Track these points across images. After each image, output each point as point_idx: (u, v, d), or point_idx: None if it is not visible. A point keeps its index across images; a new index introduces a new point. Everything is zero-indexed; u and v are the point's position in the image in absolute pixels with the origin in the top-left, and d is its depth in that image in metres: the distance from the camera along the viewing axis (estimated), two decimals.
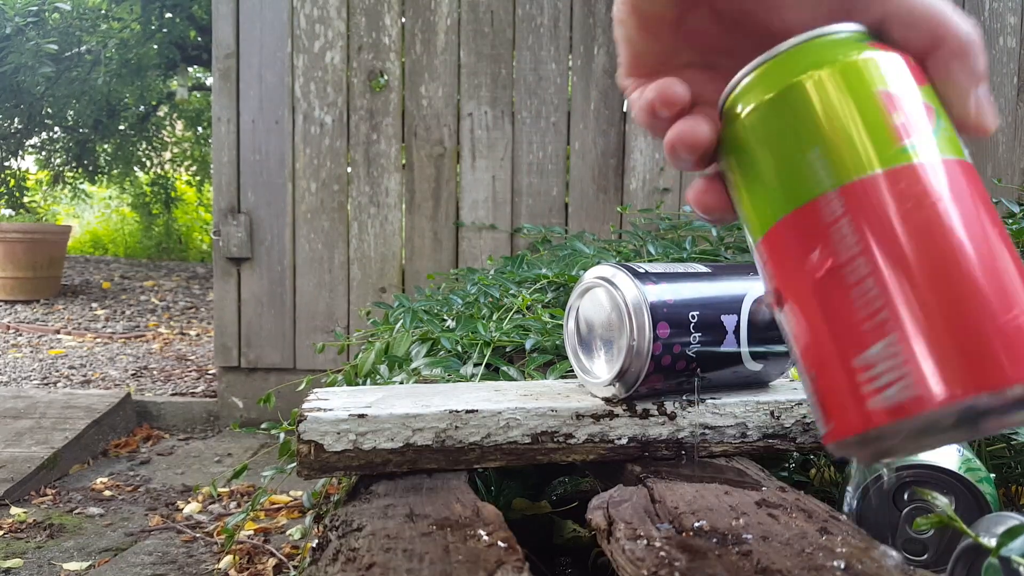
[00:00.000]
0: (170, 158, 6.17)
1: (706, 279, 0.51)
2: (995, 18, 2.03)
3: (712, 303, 0.49)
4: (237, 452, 1.93)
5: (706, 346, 0.48)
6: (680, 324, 0.48)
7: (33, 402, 2.05)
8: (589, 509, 0.41)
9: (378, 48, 2.06)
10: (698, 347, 0.48)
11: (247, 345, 2.11)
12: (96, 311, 3.77)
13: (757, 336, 0.50)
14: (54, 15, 3.79)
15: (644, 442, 0.50)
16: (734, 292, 0.50)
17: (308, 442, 0.47)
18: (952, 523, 0.35)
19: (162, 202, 6.02)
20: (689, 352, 0.48)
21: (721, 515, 0.38)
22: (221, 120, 2.06)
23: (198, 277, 4.91)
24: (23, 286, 3.81)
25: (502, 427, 0.49)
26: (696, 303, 0.49)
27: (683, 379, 0.49)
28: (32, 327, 3.36)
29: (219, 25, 2.05)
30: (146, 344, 3.21)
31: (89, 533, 1.38)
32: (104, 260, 5.35)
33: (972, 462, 0.42)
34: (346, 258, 2.09)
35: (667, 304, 0.48)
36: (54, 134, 4.97)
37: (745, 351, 0.50)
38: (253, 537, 1.31)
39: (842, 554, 0.34)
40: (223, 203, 2.08)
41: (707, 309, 0.49)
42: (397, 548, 0.36)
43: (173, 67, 4.65)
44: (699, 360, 0.49)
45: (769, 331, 0.51)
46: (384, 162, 2.07)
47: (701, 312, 0.48)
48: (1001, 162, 2.05)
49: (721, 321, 0.49)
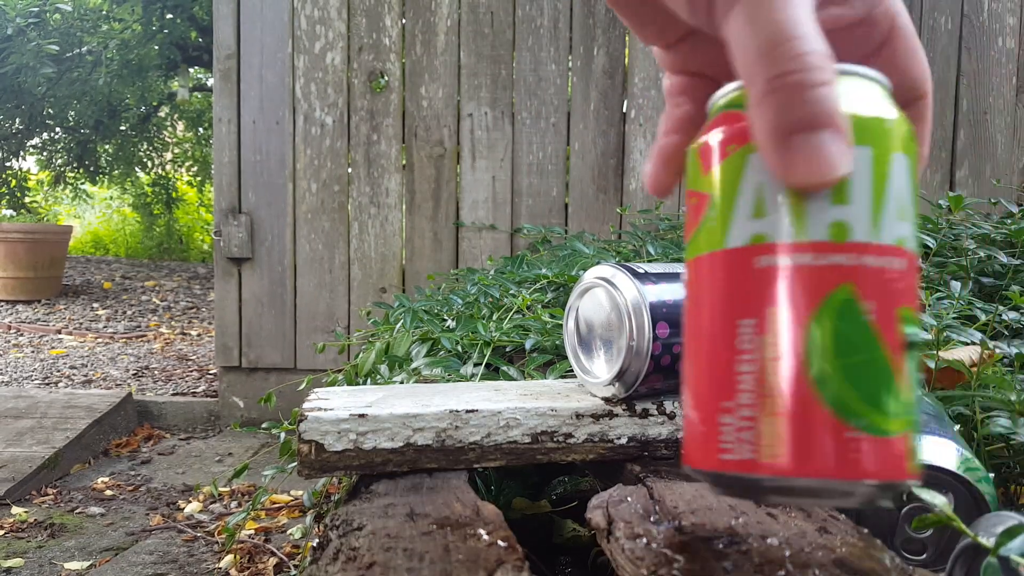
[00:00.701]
0: (171, 158, 6.17)
1: None
2: (994, 19, 2.03)
3: None
4: (238, 452, 1.93)
5: None
6: (680, 324, 0.48)
7: (34, 402, 2.05)
8: (589, 508, 0.41)
9: (378, 49, 2.06)
10: None
11: (248, 345, 2.11)
12: (97, 311, 3.77)
13: None
14: (55, 16, 3.79)
15: (644, 442, 0.50)
16: None
17: (309, 442, 0.47)
18: (951, 523, 0.35)
19: (163, 202, 6.03)
20: None
21: (721, 514, 0.38)
22: (222, 121, 2.07)
23: (199, 277, 4.92)
24: (24, 286, 3.81)
25: (502, 427, 0.49)
26: None
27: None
28: (33, 327, 3.37)
29: (220, 26, 2.05)
30: (147, 344, 3.22)
31: (90, 533, 1.38)
32: (105, 260, 5.36)
33: (971, 461, 0.43)
34: (346, 258, 2.09)
35: (667, 304, 0.48)
36: (55, 135, 4.98)
37: None
38: (254, 536, 1.31)
39: (841, 553, 0.34)
40: (224, 203, 2.08)
41: None
42: (397, 547, 0.36)
43: (174, 68, 4.65)
44: None
45: None
46: (384, 163, 2.07)
47: None
48: (1000, 162, 2.05)
49: None
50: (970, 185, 2.04)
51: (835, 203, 0.24)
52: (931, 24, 2.03)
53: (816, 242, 0.24)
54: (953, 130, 2.04)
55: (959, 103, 2.04)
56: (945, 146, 2.05)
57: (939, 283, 0.84)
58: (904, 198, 0.25)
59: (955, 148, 2.05)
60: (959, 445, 0.44)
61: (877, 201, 0.25)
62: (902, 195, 0.25)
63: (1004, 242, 0.98)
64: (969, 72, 2.03)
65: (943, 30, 2.03)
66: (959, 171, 2.05)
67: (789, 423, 0.24)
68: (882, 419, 0.24)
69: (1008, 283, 0.85)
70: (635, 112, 2.05)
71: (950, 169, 2.05)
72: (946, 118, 2.04)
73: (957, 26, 2.03)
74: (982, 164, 2.04)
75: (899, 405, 0.25)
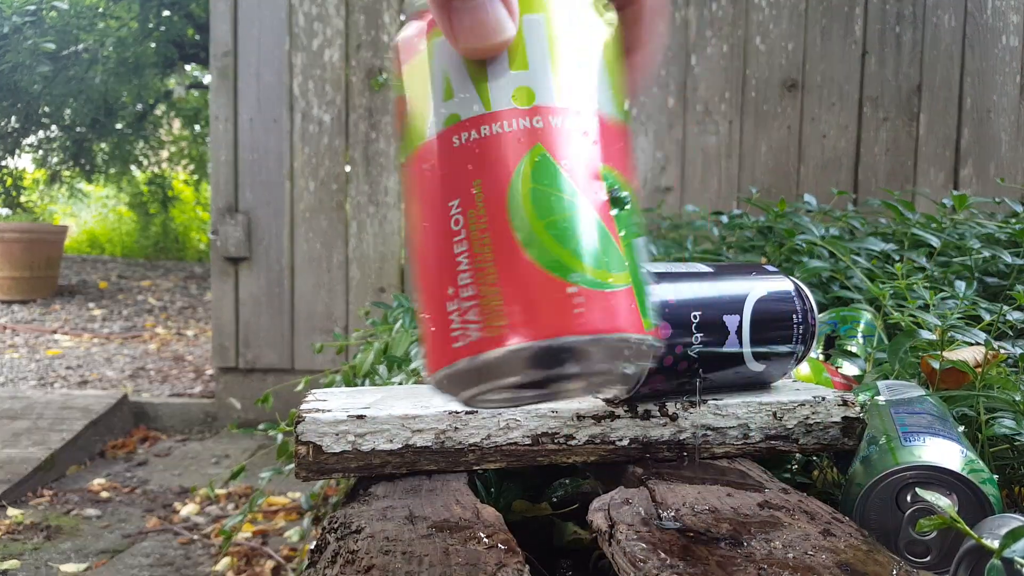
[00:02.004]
0: (167, 157, 6.15)
1: (708, 279, 0.51)
2: (998, 16, 2.03)
3: (714, 303, 0.49)
4: (235, 453, 1.92)
5: (708, 346, 0.48)
6: (682, 324, 0.47)
7: (30, 403, 2.04)
8: (590, 511, 0.40)
9: (377, 46, 2.05)
10: (700, 347, 0.48)
11: (245, 345, 2.10)
12: (93, 311, 3.76)
13: (760, 336, 0.50)
14: (52, 14, 3.78)
15: (645, 443, 0.50)
16: (736, 292, 0.50)
17: (306, 443, 0.46)
18: (955, 525, 0.34)
19: (159, 201, 6.01)
20: (691, 352, 0.48)
21: (723, 517, 0.38)
22: (219, 119, 2.06)
23: (195, 277, 4.91)
24: (20, 286, 3.80)
25: (502, 428, 0.48)
26: (698, 303, 0.48)
27: (685, 380, 0.49)
28: (29, 327, 3.35)
29: (217, 23, 2.04)
30: (143, 344, 3.20)
31: (86, 535, 1.37)
32: (101, 260, 5.34)
33: (975, 463, 0.42)
34: (345, 258, 2.08)
35: (669, 304, 0.47)
36: (51, 133, 4.96)
37: (748, 351, 0.50)
38: (251, 539, 1.31)
39: (845, 556, 0.34)
40: (221, 202, 2.07)
41: (709, 309, 0.48)
42: (396, 550, 0.35)
43: (171, 65, 4.64)
44: (701, 361, 0.48)
45: (772, 331, 0.50)
46: (383, 161, 2.07)
47: (703, 312, 0.48)
48: (1004, 161, 2.05)
49: (723, 321, 0.49)
50: (974, 184, 2.04)
51: (514, 69, 0.25)
52: (935, 22, 2.02)
53: (502, 110, 0.25)
54: (957, 129, 2.04)
55: (963, 102, 2.04)
56: (949, 145, 2.05)
57: (943, 283, 0.84)
58: (591, 62, 0.26)
59: (959, 147, 2.05)
60: (963, 446, 0.44)
61: (555, 64, 0.25)
62: (588, 59, 0.26)
63: (1009, 241, 0.97)
64: (973, 70, 2.03)
65: (947, 28, 2.03)
66: (963, 170, 2.05)
67: (507, 290, 0.24)
68: (598, 272, 0.24)
69: (1013, 283, 0.85)
70: (636, 111, 2.04)
71: (954, 168, 2.05)
72: (950, 117, 2.04)
73: (961, 24, 2.03)
74: (986, 163, 2.04)
75: (613, 258, 0.25)
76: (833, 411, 0.51)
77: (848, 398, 0.52)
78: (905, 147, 2.04)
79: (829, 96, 2.03)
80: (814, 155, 2.05)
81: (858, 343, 0.73)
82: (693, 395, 0.50)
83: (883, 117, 2.03)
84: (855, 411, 0.51)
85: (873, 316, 0.75)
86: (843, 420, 0.51)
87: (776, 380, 0.55)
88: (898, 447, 0.44)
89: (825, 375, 0.62)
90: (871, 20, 2.02)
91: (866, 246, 0.97)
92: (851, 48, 2.02)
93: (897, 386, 0.55)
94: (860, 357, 0.70)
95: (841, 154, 2.04)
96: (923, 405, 0.50)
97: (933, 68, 2.03)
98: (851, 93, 2.03)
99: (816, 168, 2.05)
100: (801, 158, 2.05)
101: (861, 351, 0.71)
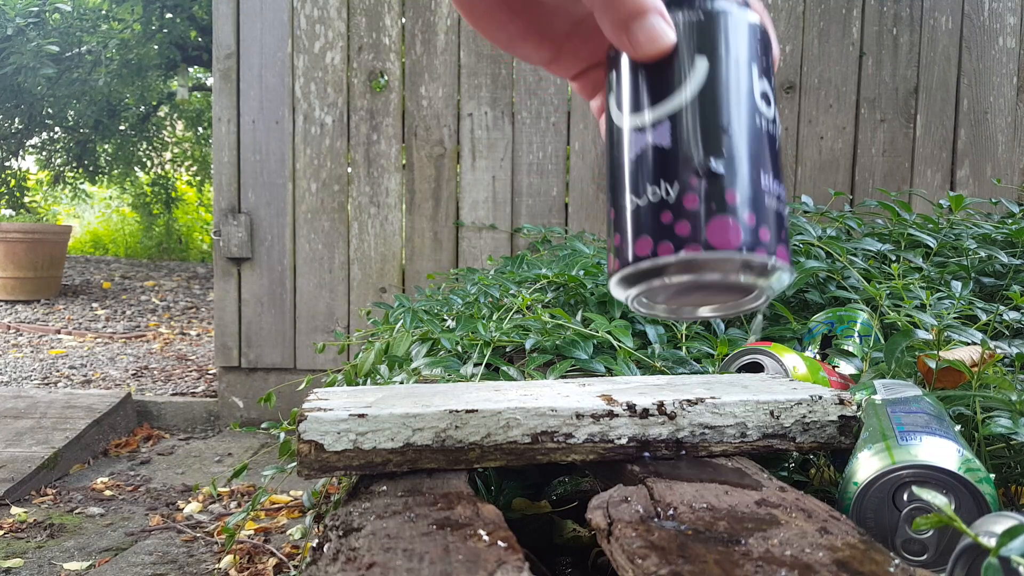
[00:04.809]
0: (170, 158, 6.17)
1: None
2: (994, 18, 2.03)
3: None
4: (237, 452, 1.93)
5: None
6: None
7: (34, 402, 2.05)
8: (589, 509, 0.41)
9: (378, 48, 2.06)
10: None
11: (247, 345, 2.11)
12: (96, 311, 3.77)
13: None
14: (55, 16, 3.79)
15: (644, 442, 0.50)
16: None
17: (308, 442, 0.47)
18: (952, 523, 0.35)
19: (162, 202, 6.03)
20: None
21: (721, 515, 0.38)
22: (221, 120, 2.07)
23: (198, 277, 4.92)
24: (24, 286, 3.81)
25: (502, 427, 0.49)
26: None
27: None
28: (33, 327, 3.36)
29: (219, 25, 2.05)
30: (146, 344, 3.21)
31: (89, 533, 1.38)
32: (104, 260, 5.36)
33: (972, 462, 0.42)
34: (346, 258, 2.09)
35: None
36: (55, 134, 4.98)
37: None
38: (253, 537, 1.31)
39: (842, 554, 0.34)
40: (223, 203, 2.08)
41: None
42: (397, 548, 0.36)
43: (174, 67, 4.65)
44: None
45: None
46: (384, 162, 2.07)
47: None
48: (1000, 162, 2.05)
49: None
50: (971, 185, 2.04)
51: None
52: (932, 23, 2.03)
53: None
54: (954, 130, 2.04)
55: (960, 103, 2.04)
56: (946, 146, 2.05)
57: (940, 283, 0.84)
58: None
59: (956, 148, 2.05)
60: (960, 445, 0.44)
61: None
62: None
63: (1005, 242, 0.98)
64: (970, 71, 2.03)
65: (944, 29, 2.03)
66: (960, 171, 2.05)
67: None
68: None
69: (1009, 283, 0.85)
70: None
71: (951, 169, 2.05)
72: (947, 118, 2.04)
73: (958, 26, 2.03)
74: (983, 164, 2.04)
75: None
76: (830, 410, 0.52)
77: (845, 397, 0.52)
78: (902, 148, 2.04)
79: (826, 98, 2.03)
80: (811, 156, 2.05)
81: (855, 343, 0.73)
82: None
83: (880, 118, 2.03)
84: (852, 410, 0.52)
85: (870, 316, 0.76)
86: (840, 419, 0.52)
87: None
88: (895, 446, 0.44)
89: (822, 374, 0.62)
90: (868, 22, 2.02)
91: (863, 246, 0.97)
92: (848, 50, 2.03)
93: (894, 385, 0.55)
94: (857, 356, 0.71)
95: (838, 155, 2.05)
96: (920, 404, 0.50)
97: (930, 70, 2.03)
98: (848, 95, 2.03)
99: (813, 169, 2.05)
100: (798, 159, 2.05)
101: (858, 351, 0.72)
